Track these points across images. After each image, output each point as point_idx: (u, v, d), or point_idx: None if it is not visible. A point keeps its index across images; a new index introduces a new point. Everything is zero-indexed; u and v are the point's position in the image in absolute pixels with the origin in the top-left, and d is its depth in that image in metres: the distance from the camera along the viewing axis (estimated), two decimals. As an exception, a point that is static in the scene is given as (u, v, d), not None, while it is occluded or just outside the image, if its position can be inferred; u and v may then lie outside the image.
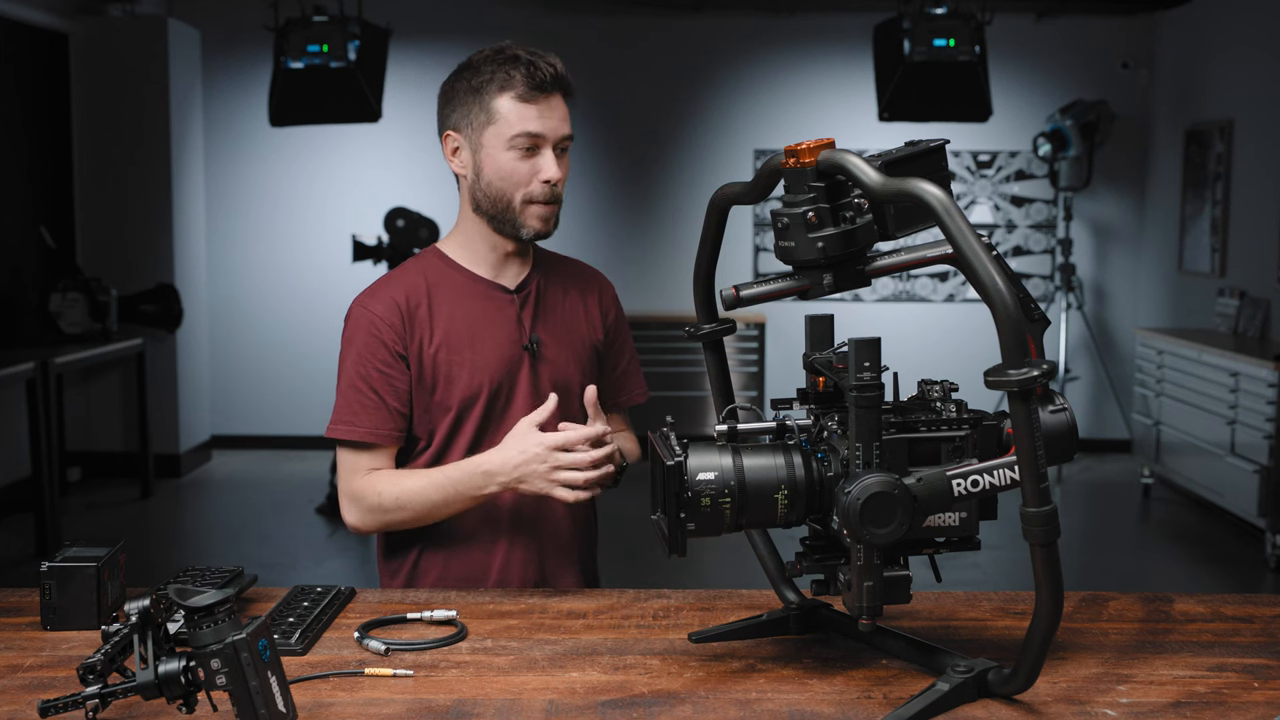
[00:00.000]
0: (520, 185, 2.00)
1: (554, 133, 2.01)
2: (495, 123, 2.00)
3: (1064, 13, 7.81)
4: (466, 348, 2.05)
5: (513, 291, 2.09)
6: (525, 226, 2.03)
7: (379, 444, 2.03)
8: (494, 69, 2.00)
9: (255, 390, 8.18)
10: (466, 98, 2.02)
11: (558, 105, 2.02)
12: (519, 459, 1.92)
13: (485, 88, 2.00)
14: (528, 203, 2.01)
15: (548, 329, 2.11)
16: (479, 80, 2.01)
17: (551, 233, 2.06)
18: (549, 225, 2.04)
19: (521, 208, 2.02)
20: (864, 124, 7.59)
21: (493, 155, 2.01)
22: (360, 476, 2.02)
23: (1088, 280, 8.10)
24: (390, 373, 2.03)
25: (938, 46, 6.20)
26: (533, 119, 1.98)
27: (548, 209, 2.03)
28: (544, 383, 2.08)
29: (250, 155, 8.08)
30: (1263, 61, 6.61)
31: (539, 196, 2.01)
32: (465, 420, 2.05)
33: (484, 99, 2.00)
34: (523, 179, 2.00)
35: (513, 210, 2.02)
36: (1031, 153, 7.89)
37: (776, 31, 8.02)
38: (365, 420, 2.01)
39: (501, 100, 1.99)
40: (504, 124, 1.99)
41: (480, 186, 2.03)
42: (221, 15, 7.83)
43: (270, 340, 8.16)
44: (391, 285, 2.08)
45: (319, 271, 8.03)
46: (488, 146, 2.01)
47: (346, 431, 2.02)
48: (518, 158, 2.00)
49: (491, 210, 2.04)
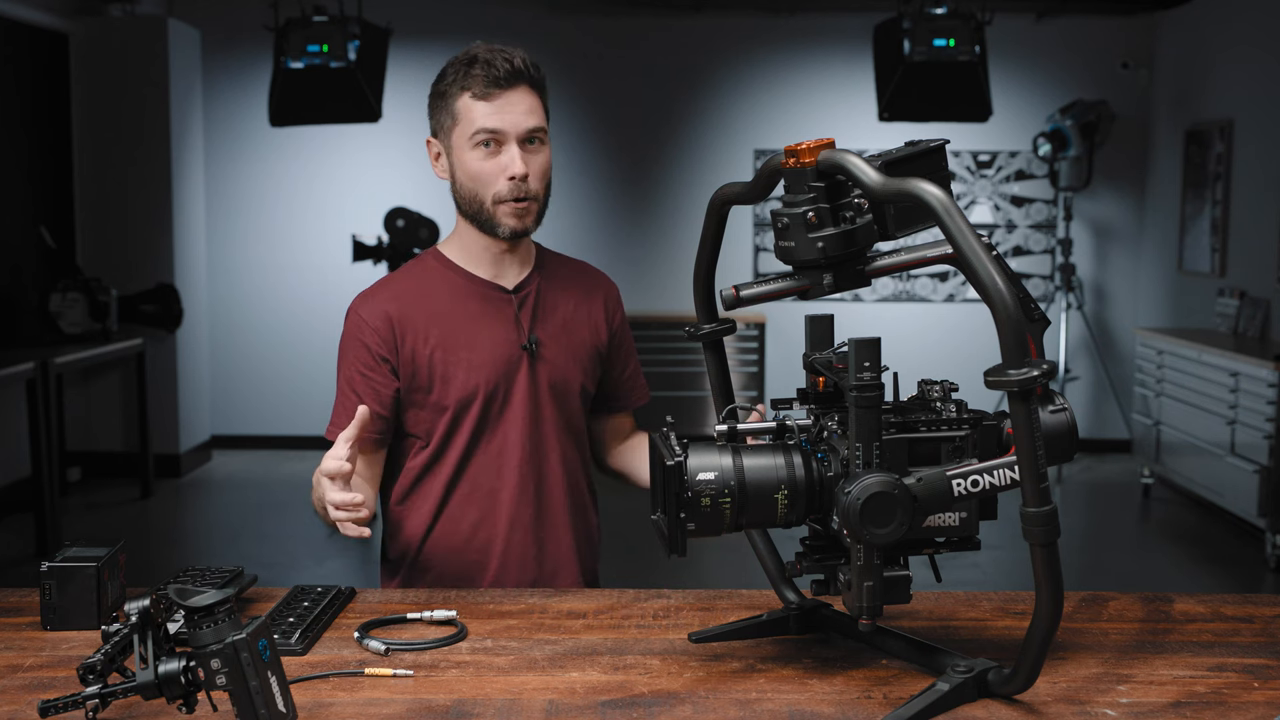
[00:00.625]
0: (489, 184, 2.00)
1: (515, 126, 1.99)
2: (459, 123, 2.01)
3: (1064, 13, 7.81)
4: (463, 348, 2.05)
5: (511, 292, 2.09)
6: (500, 225, 2.02)
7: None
8: (455, 71, 2.01)
9: (255, 390, 8.18)
10: (437, 103, 2.04)
11: (520, 99, 1.99)
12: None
13: (449, 90, 2.01)
14: (497, 202, 2.01)
15: (547, 330, 2.10)
16: (444, 85, 2.03)
17: (532, 229, 2.05)
18: (524, 222, 2.02)
19: (493, 208, 2.01)
20: (864, 124, 7.59)
21: (461, 156, 2.01)
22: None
23: (1088, 280, 8.10)
24: (372, 376, 2.04)
25: (938, 46, 6.20)
26: (490, 115, 1.98)
27: (520, 205, 2.01)
28: (542, 383, 2.08)
29: (250, 155, 8.08)
30: (1263, 61, 6.61)
31: (506, 194, 2.00)
32: (462, 420, 2.05)
33: (448, 101, 2.02)
34: (490, 177, 2.00)
35: (486, 211, 2.02)
36: (1031, 153, 7.89)
37: (776, 31, 8.02)
38: (345, 422, 2.02)
39: (462, 100, 2.00)
40: (466, 123, 2.00)
41: (457, 189, 2.05)
42: (221, 15, 7.84)
43: (270, 340, 8.16)
44: (387, 288, 2.09)
45: (319, 271, 8.03)
46: (456, 148, 2.02)
47: (331, 433, 2.04)
48: (482, 156, 1.99)
49: (469, 211, 2.04)
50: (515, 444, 2.07)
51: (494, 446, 2.07)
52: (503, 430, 2.07)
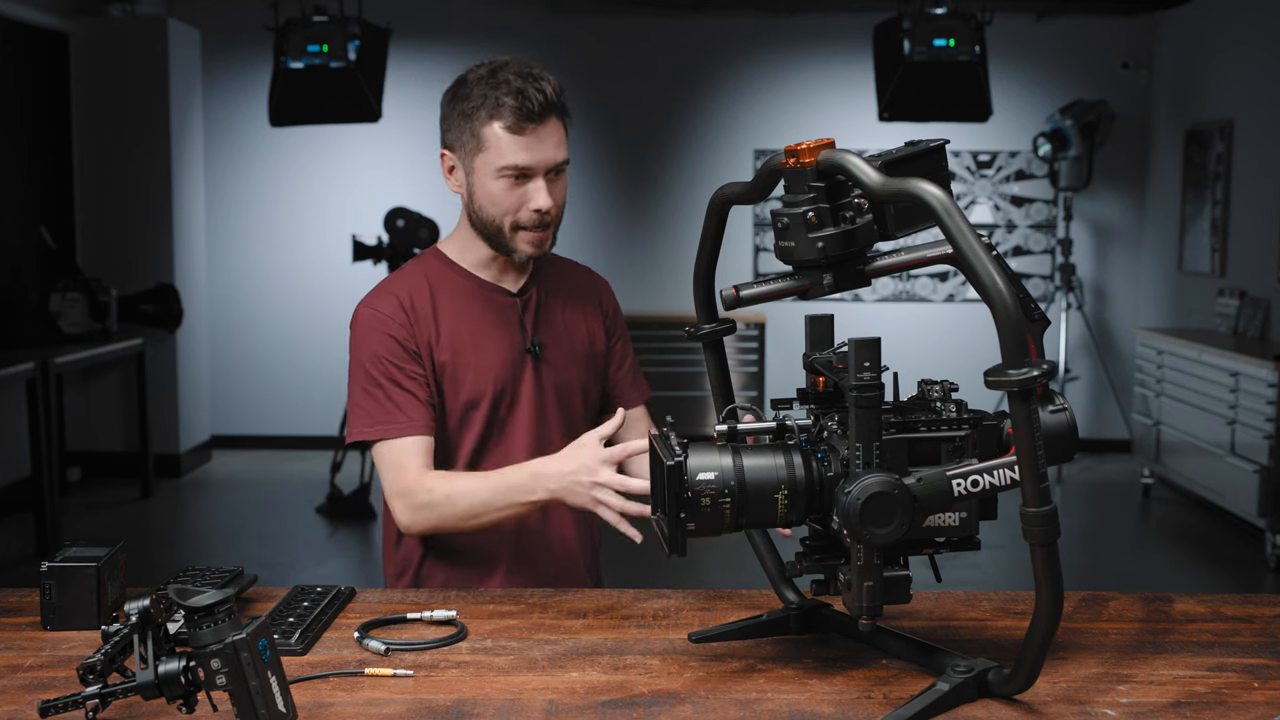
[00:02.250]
0: (509, 213, 1.98)
1: (544, 164, 1.96)
2: (485, 150, 1.96)
3: (1064, 13, 7.81)
4: (470, 350, 2.04)
5: (515, 295, 2.09)
6: (517, 250, 2.01)
7: (416, 434, 1.98)
8: (484, 94, 1.95)
9: (255, 390, 8.18)
10: (459, 121, 1.99)
11: (550, 133, 1.97)
12: (570, 467, 1.86)
13: (475, 114, 1.96)
14: (516, 229, 1.99)
15: (549, 332, 2.10)
16: (469, 106, 1.97)
17: (547, 253, 2.05)
18: (541, 249, 2.02)
19: (511, 233, 2.00)
20: (864, 124, 7.59)
21: (483, 182, 1.98)
22: (408, 474, 1.96)
23: (1088, 280, 8.10)
24: (410, 367, 2.00)
25: (938, 46, 6.20)
26: (521, 151, 1.95)
27: (539, 235, 2.00)
28: (547, 386, 2.08)
29: (250, 155, 8.08)
30: (1263, 61, 6.61)
31: (528, 223, 1.99)
32: (469, 424, 2.04)
33: (474, 125, 1.96)
34: (512, 207, 1.98)
35: (503, 235, 2.00)
36: (1031, 153, 7.89)
37: (776, 31, 8.02)
38: (397, 416, 1.98)
39: (491, 129, 1.95)
40: (493, 153, 1.96)
41: (474, 208, 2.02)
42: (221, 15, 7.83)
43: (270, 340, 8.16)
44: (395, 286, 2.06)
45: (319, 271, 8.03)
46: (478, 172, 1.98)
47: (382, 431, 1.98)
48: (507, 187, 1.97)
49: (484, 231, 2.03)
50: (522, 447, 2.06)
51: (501, 450, 2.06)
52: (510, 434, 2.06)
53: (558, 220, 2.03)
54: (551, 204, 1.98)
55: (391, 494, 1.98)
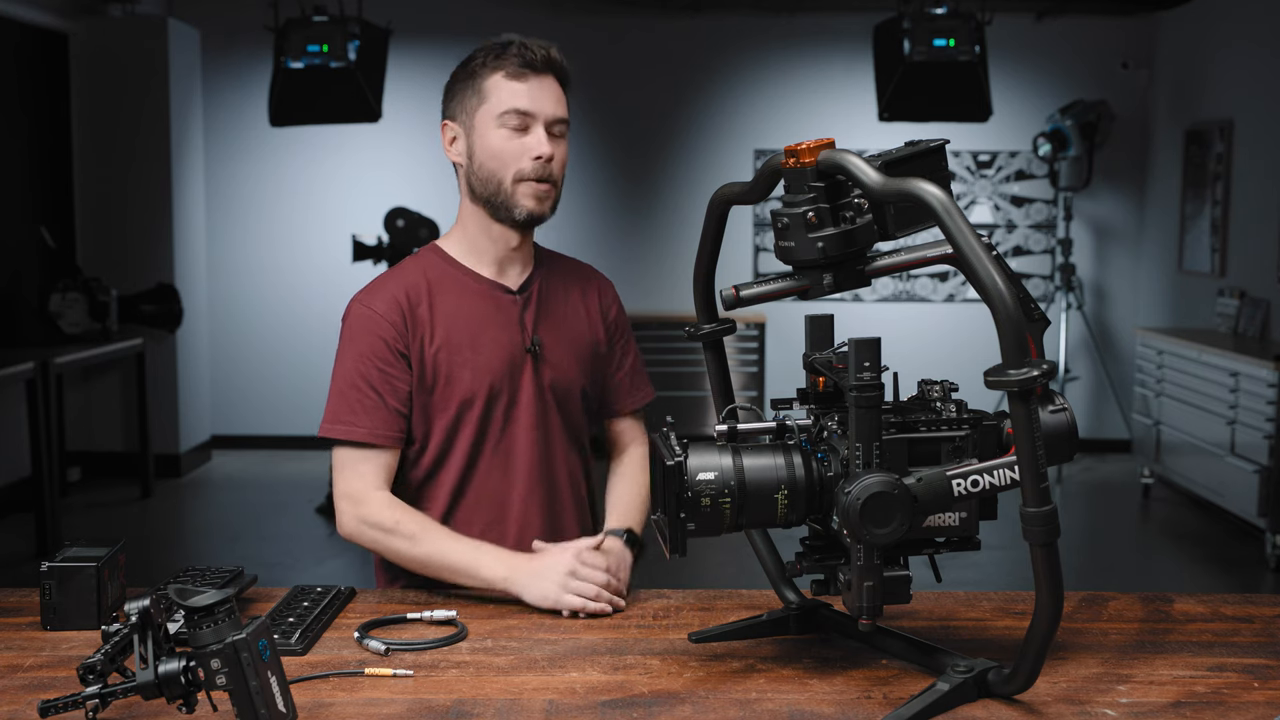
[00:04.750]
0: (511, 163, 1.99)
1: (545, 111, 2.00)
2: (486, 101, 2.00)
3: (1064, 13, 7.81)
4: (468, 348, 2.02)
5: (515, 292, 2.08)
6: (518, 206, 2.00)
7: (379, 445, 1.99)
8: (487, 53, 2.02)
9: (255, 390, 8.18)
10: (462, 85, 2.04)
11: (550, 86, 2.02)
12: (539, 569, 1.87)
13: (479, 71, 2.02)
14: (519, 180, 1.99)
15: (549, 331, 2.09)
16: (473, 65, 2.03)
17: (548, 215, 2.03)
18: (544, 205, 2.01)
19: (513, 187, 1.99)
20: (864, 124, 7.58)
21: (484, 135, 2.00)
22: (363, 481, 1.98)
23: (1088, 280, 8.10)
24: (391, 372, 1.99)
25: (938, 46, 6.20)
26: (522, 95, 1.99)
27: (541, 187, 2.00)
28: (546, 384, 2.07)
29: (250, 155, 8.08)
30: (1263, 61, 6.61)
31: (530, 173, 1.98)
32: (463, 422, 2.03)
33: (476, 81, 2.01)
34: (513, 156, 1.99)
35: (505, 191, 2.00)
36: (1031, 153, 7.89)
37: (776, 31, 8.02)
38: (365, 420, 1.98)
39: (493, 78, 2.00)
40: (495, 101, 1.99)
41: (474, 170, 2.02)
42: (221, 15, 7.83)
43: (270, 340, 8.16)
44: (392, 282, 2.05)
45: (319, 271, 8.03)
46: (479, 127, 2.00)
47: (346, 431, 1.98)
48: (508, 136, 1.98)
49: (485, 193, 2.01)
50: (524, 448, 2.05)
51: (501, 451, 2.05)
52: (510, 434, 2.05)
53: (559, 183, 2.03)
54: (552, 152, 1.99)
55: (339, 496, 2.00)
